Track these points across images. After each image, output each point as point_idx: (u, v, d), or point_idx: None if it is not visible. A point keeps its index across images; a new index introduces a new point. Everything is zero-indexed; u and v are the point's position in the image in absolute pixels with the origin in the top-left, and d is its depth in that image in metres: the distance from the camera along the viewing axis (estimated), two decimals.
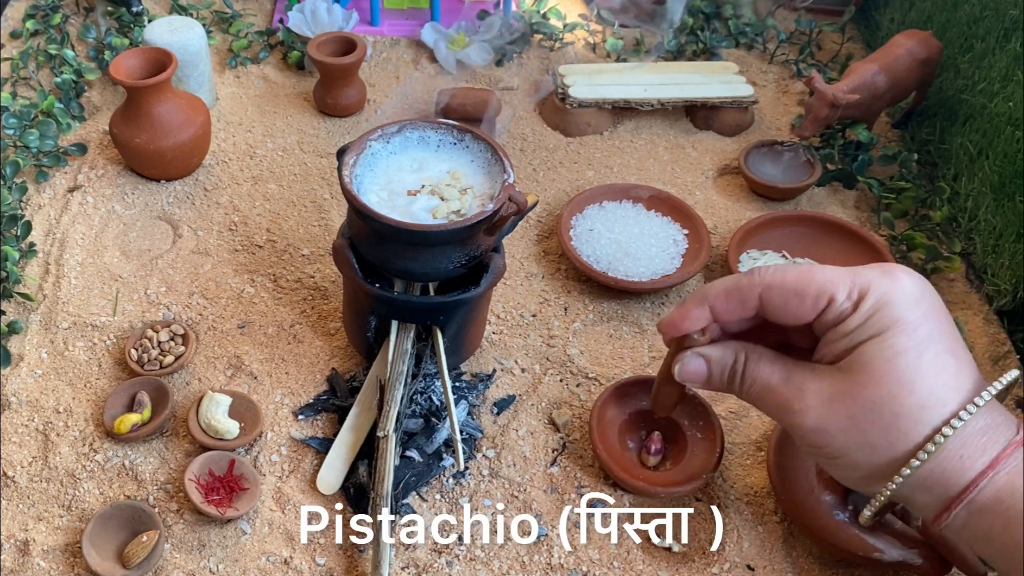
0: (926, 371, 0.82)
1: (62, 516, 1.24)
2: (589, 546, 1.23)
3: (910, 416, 0.82)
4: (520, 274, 1.61)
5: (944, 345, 0.83)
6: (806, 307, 0.87)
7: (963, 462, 0.81)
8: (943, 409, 0.81)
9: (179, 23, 1.83)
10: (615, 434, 1.33)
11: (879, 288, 0.84)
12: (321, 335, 1.48)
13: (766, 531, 1.26)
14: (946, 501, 0.82)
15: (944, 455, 0.81)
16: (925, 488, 0.83)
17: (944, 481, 0.82)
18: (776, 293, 0.88)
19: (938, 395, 0.82)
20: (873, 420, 0.83)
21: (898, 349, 0.82)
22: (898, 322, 0.83)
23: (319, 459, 1.31)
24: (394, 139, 1.30)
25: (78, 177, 1.74)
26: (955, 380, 0.82)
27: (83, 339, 1.45)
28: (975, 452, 0.81)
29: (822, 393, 0.86)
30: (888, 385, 0.82)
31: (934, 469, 0.82)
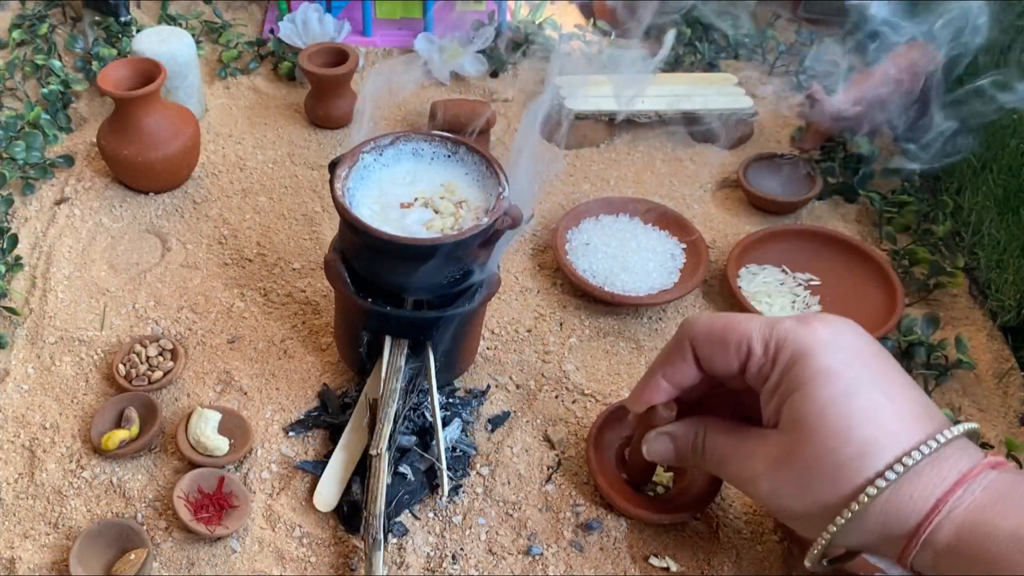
0: (858, 418, 0.83)
1: (48, 534, 1.22)
2: (585, 566, 1.22)
3: (850, 466, 0.83)
4: (515, 288, 1.59)
5: (877, 387, 0.84)
6: (730, 356, 0.91)
7: (913, 503, 0.82)
8: (883, 454, 0.82)
9: (168, 33, 1.82)
10: (613, 458, 1.31)
11: (794, 340, 0.86)
12: (312, 350, 1.46)
13: (765, 550, 1.25)
14: (903, 541, 0.83)
15: (892, 498, 0.82)
16: (878, 532, 0.85)
17: (897, 522, 0.83)
18: (703, 342, 0.95)
19: (875, 440, 0.82)
20: (817, 476, 0.84)
21: (824, 401, 0.83)
22: (818, 373, 0.84)
23: (310, 477, 1.29)
24: (387, 151, 1.29)
25: (65, 189, 1.72)
26: (892, 423, 0.83)
27: (70, 354, 1.43)
28: (925, 491, 0.81)
29: (769, 457, 0.89)
30: (823, 439, 0.83)
31: (884, 511, 0.83)
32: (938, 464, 0.82)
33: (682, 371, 0.97)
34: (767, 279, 1.59)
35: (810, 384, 0.83)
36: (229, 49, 2.10)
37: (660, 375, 0.98)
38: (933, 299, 1.60)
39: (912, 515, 0.82)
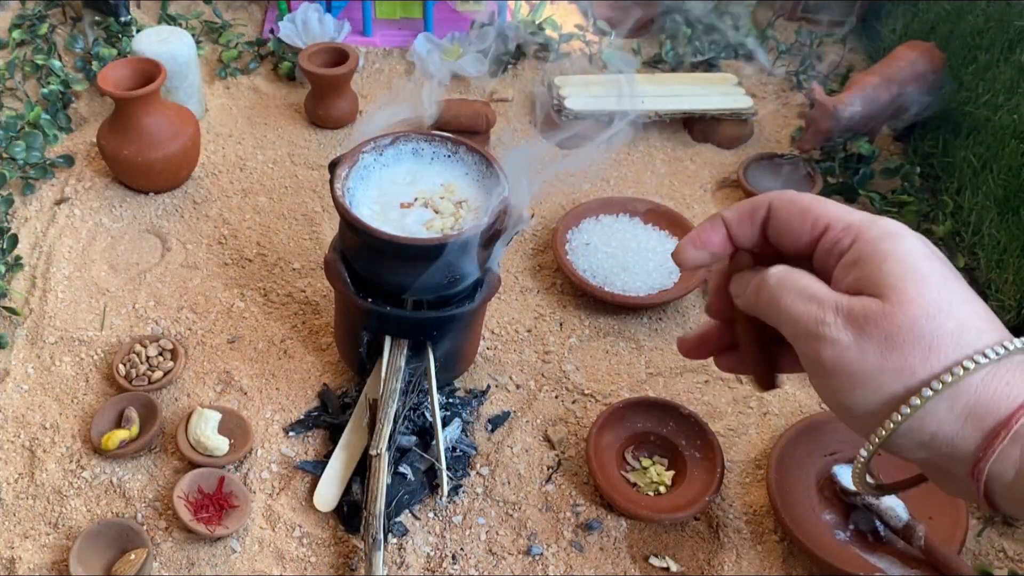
0: (959, 299, 0.76)
1: (49, 534, 1.22)
2: (585, 566, 1.22)
3: (949, 339, 0.74)
4: (515, 289, 1.59)
5: (961, 282, 0.77)
6: (805, 228, 0.82)
7: (1009, 389, 0.73)
8: (981, 337, 0.74)
9: (168, 33, 1.82)
10: (613, 459, 1.31)
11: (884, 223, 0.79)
12: (312, 350, 1.46)
13: (765, 550, 1.24)
14: (990, 432, 0.75)
15: (987, 379, 0.73)
16: (962, 419, 0.75)
17: (989, 408, 0.73)
18: (782, 206, 0.84)
19: (974, 323, 0.75)
20: (912, 342, 0.75)
21: (924, 272, 0.76)
22: (913, 250, 0.77)
23: (310, 477, 1.29)
24: (387, 151, 1.29)
25: (65, 189, 1.72)
26: (986, 313, 0.76)
27: (70, 354, 1.43)
28: (1018, 381, 0.73)
29: (855, 313, 0.80)
30: (924, 306, 0.75)
31: (977, 392, 0.73)
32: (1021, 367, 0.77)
33: (746, 227, 0.91)
34: None
35: (908, 256, 0.76)
36: (229, 49, 2.10)
37: (722, 221, 0.92)
38: None
39: (1005, 402, 0.75)
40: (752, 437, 1.38)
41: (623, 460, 1.32)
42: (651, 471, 1.30)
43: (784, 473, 1.28)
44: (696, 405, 1.42)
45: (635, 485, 1.30)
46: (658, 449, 1.33)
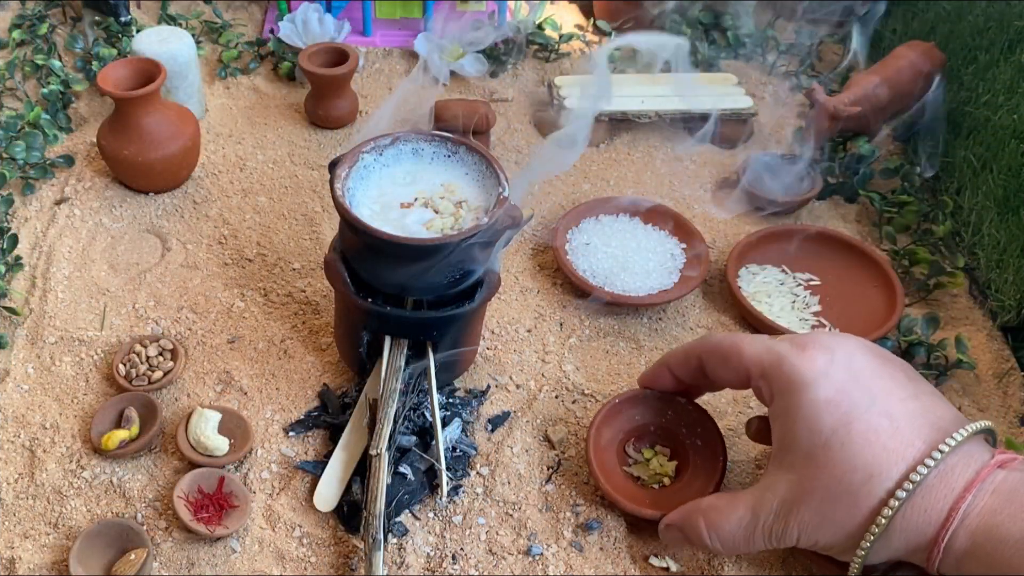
0: (860, 444, 0.84)
1: (48, 534, 1.22)
2: (585, 566, 1.21)
3: (861, 491, 0.85)
4: (515, 288, 1.59)
5: (875, 409, 0.87)
6: (730, 374, 0.97)
7: (928, 515, 0.84)
8: (889, 475, 0.84)
9: (168, 33, 1.82)
10: (614, 456, 1.31)
11: (790, 371, 0.89)
12: (312, 350, 1.46)
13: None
14: (927, 551, 0.85)
15: (907, 514, 0.84)
16: (903, 547, 0.88)
17: (917, 535, 0.84)
18: (708, 357, 1.00)
19: (878, 463, 0.84)
20: (833, 506, 0.86)
21: (827, 433, 0.85)
22: (815, 405, 0.86)
23: (310, 477, 1.29)
24: (387, 151, 1.29)
25: (65, 189, 1.72)
26: (893, 442, 0.85)
27: (70, 354, 1.43)
28: (937, 503, 0.83)
29: (786, 500, 0.90)
30: (831, 471, 0.85)
31: (903, 528, 0.86)
32: (946, 474, 0.84)
33: (684, 371, 1.01)
34: (767, 279, 1.59)
35: (811, 417, 0.85)
36: (229, 49, 2.10)
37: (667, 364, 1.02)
38: (933, 299, 1.60)
39: (929, 527, 0.83)
40: None
41: (624, 454, 1.31)
42: (653, 462, 1.30)
43: None
44: None
45: (638, 479, 1.29)
46: (659, 439, 1.33)
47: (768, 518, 0.93)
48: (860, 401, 0.85)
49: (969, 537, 0.81)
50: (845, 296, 1.56)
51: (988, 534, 0.80)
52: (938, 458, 0.83)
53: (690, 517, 1.03)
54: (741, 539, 0.97)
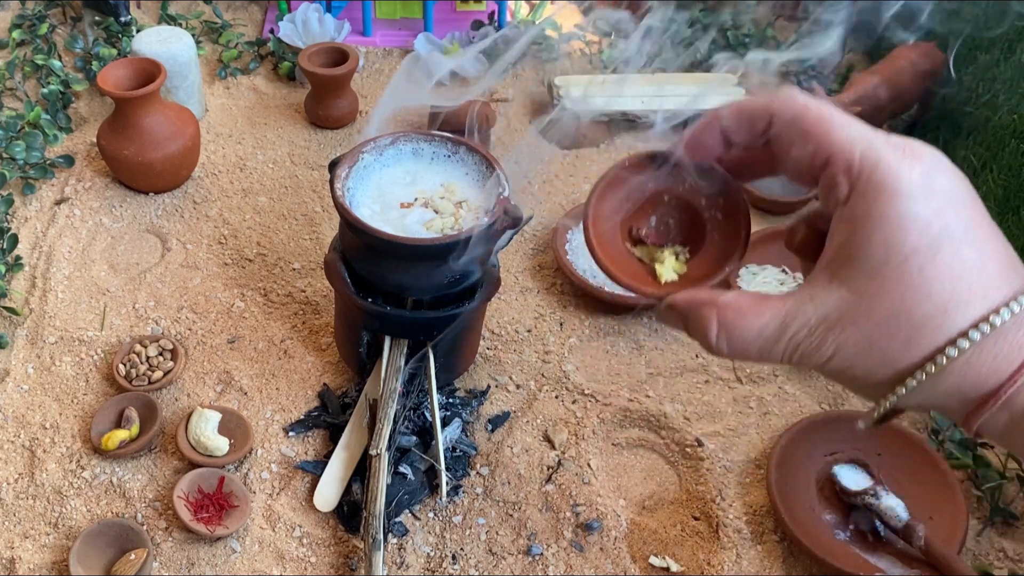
0: (942, 274, 0.73)
1: (49, 534, 1.22)
2: (585, 566, 1.22)
3: (928, 324, 0.73)
4: (515, 289, 1.59)
5: (966, 240, 0.73)
6: (805, 155, 0.78)
7: (996, 363, 0.72)
8: (966, 313, 0.72)
9: (168, 33, 1.82)
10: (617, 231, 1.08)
11: (885, 172, 0.73)
12: (312, 350, 1.46)
13: (765, 550, 1.24)
14: (978, 402, 0.74)
15: (973, 359, 0.72)
16: (952, 394, 0.74)
17: (975, 384, 0.73)
18: (783, 127, 0.79)
19: (958, 298, 0.73)
20: (889, 335, 0.75)
21: (907, 252, 0.73)
22: (905, 219, 0.73)
23: (310, 477, 1.29)
24: (387, 151, 1.29)
25: (65, 189, 1.72)
26: (978, 280, 0.73)
27: (70, 354, 1.43)
28: (1011, 352, 0.72)
29: (833, 310, 0.76)
30: (901, 293, 0.73)
31: (963, 372, 0.72)
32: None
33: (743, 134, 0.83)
34: (767, 279, 1.58)
35: (894, 231, 0.73)
36: (229, 49, 2.10)
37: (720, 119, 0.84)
38: None
39: (992, 376, 0.72)
40: (752, 437, 1.38)
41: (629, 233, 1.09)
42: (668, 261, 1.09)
43: (784, 473, 1.28)
44: (696, 405, 1.42)
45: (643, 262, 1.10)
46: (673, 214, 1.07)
47: (800, 331, 0.79)
48: (953, 227, 0.73)
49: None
50: None
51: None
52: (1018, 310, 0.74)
53: (701, 309, 0.85)
54: (755, 349, 0.81)
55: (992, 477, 1.30)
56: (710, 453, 1.35)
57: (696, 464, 1.35)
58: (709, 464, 1.34)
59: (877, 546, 1.23)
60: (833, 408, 1.43)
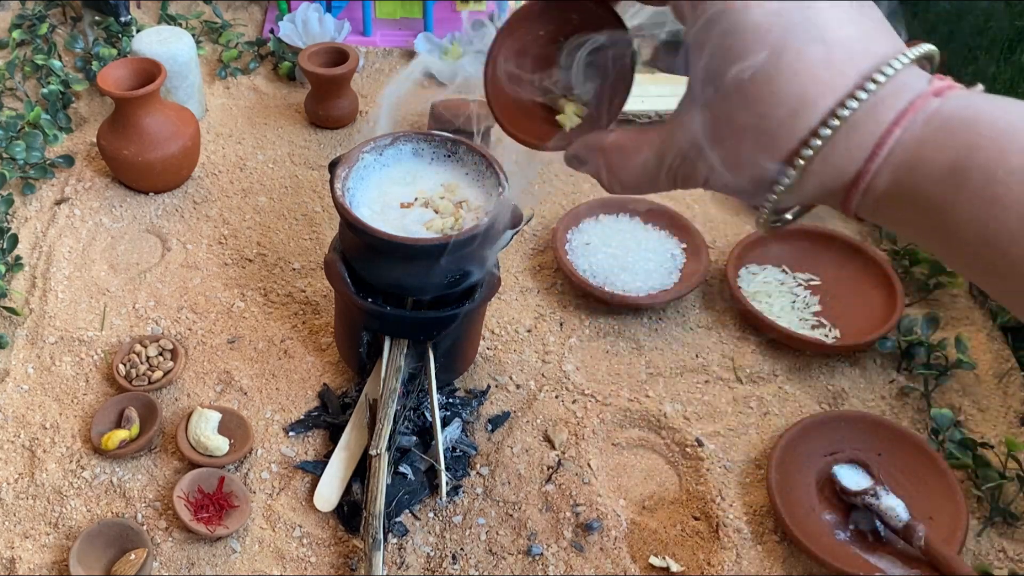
0: (787, 76, 0.71)
1: (48, 534, 1.22)
2: (585, 566, 1.21)
3: (782, 129, 0.72)
4: (515, 289, 1.59)
5: (810, 33, 0.71)
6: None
7: (850, 153, 0.72)
8: (816, 110, 0.71)
9: (168, 33, 1.82)
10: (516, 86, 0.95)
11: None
12: (312, 350, 1.46)
13: (765, 551, 1.24)
14: (844, 192, 0.73)
15: (828, 154, 0.71)
16: (820, 189, 0.74)
17: (837, 177, 0.73)
18: None
19: (805, 97, 0.71)
20: (752, 147, 0.74)
21: (752, 65, 0.72)
22: (740, 31, 0.72)
23: (310, 477, 1.29)
24: (387, 151, 1.29)
25: (65, 189, 1.72)
26: (825, 72, 0.71)
27: (70, 354, 1.43)
28: (861, 140, 0.71)
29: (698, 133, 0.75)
30: (753, 107, 0.72)
31: (822, 171, 0.72)
32: (876, 106, 0.71)
33: None
34: (767, 279, 1.58)
35: (735, 45, 0.72)
36: (229, 49, 2.10)
37: None
38: (933, 299, 1.60)
39: (851, 166, 0.70)
40: (752, 437, 1.38)
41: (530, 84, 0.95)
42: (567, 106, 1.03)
43: (784, 473, 1.28)
44: (696, 405, 1.42)
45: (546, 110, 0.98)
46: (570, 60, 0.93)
47: (676, 160, 0.78)
48: (794, 26, 0.71)
49: (892, 173, 0.71)
50: (845, 296, 1.56)
51: (912, 168, 0.70)
52: (871, 89, 0.71)
53: (591, 156, 0.87)
54: (645, 181, 0.81)
55: (992, 477, 1.30)
56: (710, 453, 1.35)
57: (696, 464, 1.35)
58: (709, 464, 1.34)
59: (877, 546, 1.23)
60: (833, 408, 1.43)
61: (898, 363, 1.49)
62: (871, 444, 1.34)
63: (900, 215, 0.73)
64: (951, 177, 0.69)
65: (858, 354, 1.50)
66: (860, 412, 1.39)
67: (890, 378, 1.48)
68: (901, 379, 1.47)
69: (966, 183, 0.68)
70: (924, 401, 1.43)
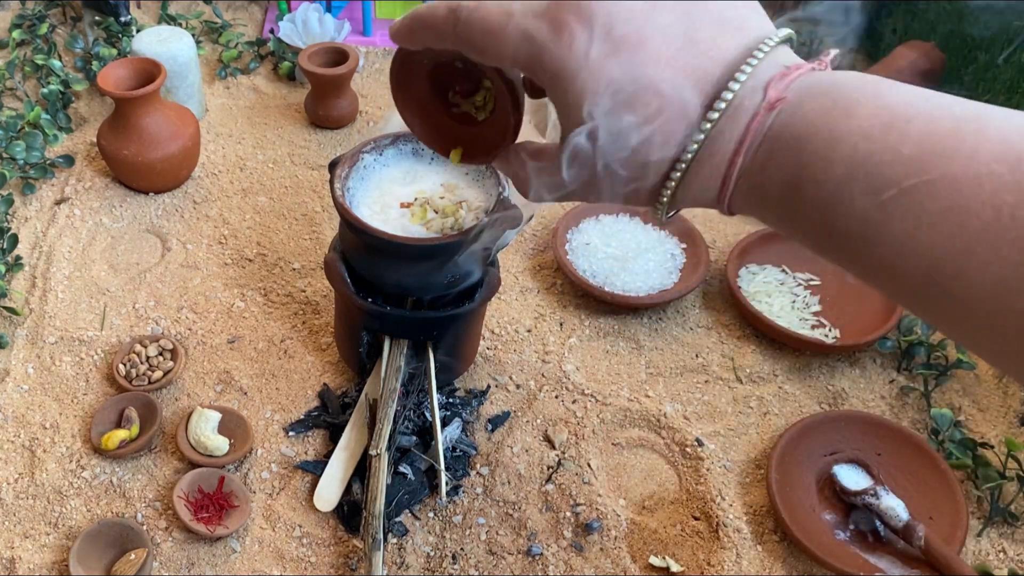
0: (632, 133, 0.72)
1: (49, 534, 1.22)
2: (585, 566, 1.21)
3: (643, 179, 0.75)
4: (515, 289, 1.59)
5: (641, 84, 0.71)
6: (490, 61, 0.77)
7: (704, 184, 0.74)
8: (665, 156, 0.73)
9: (168, 33, 1.82)
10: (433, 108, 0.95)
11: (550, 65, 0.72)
12: (312, 350, 1.46)
13: (766, 551, 1.24)
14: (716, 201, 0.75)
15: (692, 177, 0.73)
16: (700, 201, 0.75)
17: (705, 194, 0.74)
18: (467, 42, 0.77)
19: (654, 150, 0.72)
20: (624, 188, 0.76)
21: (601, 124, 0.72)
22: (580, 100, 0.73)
23: (310, 476, 1.29)
24: (387, 151, 1.29)
25: (65, 189, 1.72)
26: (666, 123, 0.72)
27: (70, 354, 1.43)
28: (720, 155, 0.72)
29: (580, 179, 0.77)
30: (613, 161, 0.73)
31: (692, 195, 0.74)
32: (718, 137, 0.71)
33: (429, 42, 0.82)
34: (767, 279, 1.58)
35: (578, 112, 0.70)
36: (229, 49, 2.10)
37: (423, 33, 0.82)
38: None
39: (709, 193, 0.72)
40: (752, 437, 1.38)
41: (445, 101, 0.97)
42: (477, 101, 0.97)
43: (784, 473, 1.28)
44: (696, 405, 1.42)
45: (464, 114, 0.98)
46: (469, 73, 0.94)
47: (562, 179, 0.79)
48: (623, 83, 0.73)
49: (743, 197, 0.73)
50: (845, 296, 1.56)
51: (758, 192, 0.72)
52: (714, 119, 0.70)
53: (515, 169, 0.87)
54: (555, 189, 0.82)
55: (992, 477, 1.30)
56: (710, 453, 1.35)
57: (696, 464, 1.35)
58: (709, 464, 1.34)
59: (877, 546, 1.23)
60: (833, 408, 1.43)
61: (898, 363, 1.49)
62: (871, 444, 1.34)
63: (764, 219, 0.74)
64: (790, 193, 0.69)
65: (858, 354, 1.50)
66: (860, 412, 1.39)
67: (890, 378, 1.48)
68: (901, 379, 1.47)
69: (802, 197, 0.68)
70: (924, 401, 1.43)
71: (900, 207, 0.63)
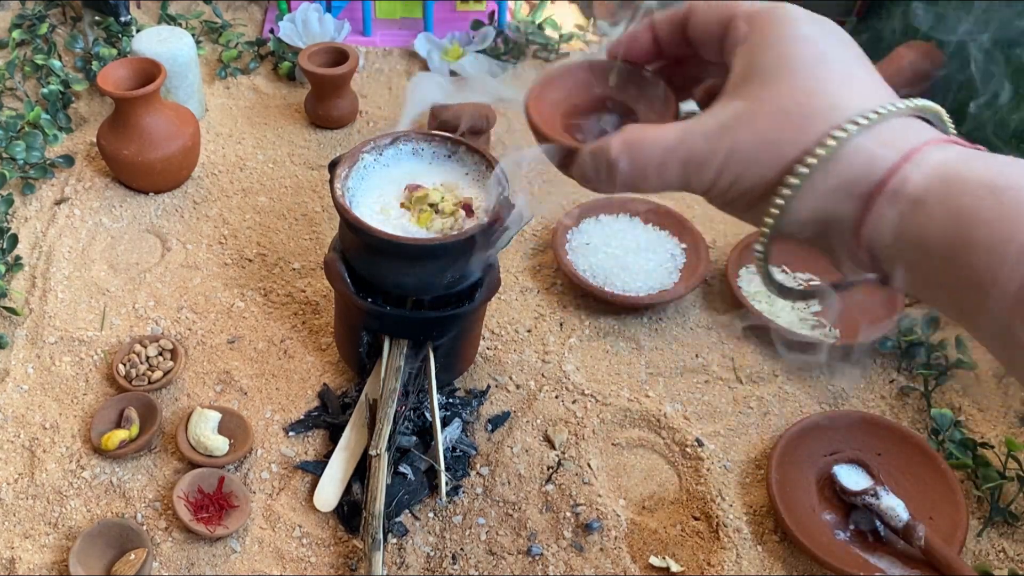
0: (829, 78, 0.74)
1: (48, 534, 1.22)
2: (585, 566, 1.21)
3: (818, 116, 0.73)
4: (515, 288, 1.59)
5: (851, 61, 0.76)
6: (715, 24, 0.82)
7: (884, 149, 0.72)
8: (850, 109, 0.73)
9: (168, 33, 1.82)
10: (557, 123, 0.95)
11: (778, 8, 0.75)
12: (312, 350, 1.46)
13: (766, 551, 1.24)
14: (866, 198, 0.72)
15: (859, 145, 0.71)
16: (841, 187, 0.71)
17: (865, 170, 0.72)
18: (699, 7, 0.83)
19: (847, 96, 0.73)
20: (781, 127, 0.74)
21: (798, 61, 0.75)
22: (795, 36, 0.76)
23: (310, 477, 1.29)
24: (387, 151, 1.29)
25: (65, 189, 1.72)
26: (864, 88, 0.75)
27: (70, 354, 1.43)
28: (894, 139, 0.72)
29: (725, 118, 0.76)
30: (792, 93, 0.74)
31: (851, 161, 0.72)
32: (910, 123, 0.71)
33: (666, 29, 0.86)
34: None
35: (787, 45, 0.73)
36: (229, 49, 2.10)
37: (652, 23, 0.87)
38: None
39: (881, 162, 0.72)
40: (752, 437, 1.38)
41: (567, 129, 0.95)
42: None
43: (784, 473, 1.28)
44: (696, 405, 1.42)
45: None
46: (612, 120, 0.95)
47: (696, 140, 0.77)
48: (836, 50, 0.74)
49: (924, 181, 0.70)
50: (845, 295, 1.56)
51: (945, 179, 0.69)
52: (910, 105, 0.73)
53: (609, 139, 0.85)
54: (654, 162, 0.78)
55: (992, 477, 1.30)
56: (710, 453, 1.35)
57: (696, 464, 1.35)
58: (709, 464, 1.34)
59: (877, 546, 1.23)
60: (833, 408, 1.43)
61: (898, 363, 1.49)
62: (871, 444, 1.34)
63: (928, 224, 0.71)
64: (985, 187, 0.68)
65: (858, 354, 1.50)
66: (860, 412, 1.39)
67: (890, 378, 1.48)
68: (901, 379, 1.47)
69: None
70: (924, 401, 1.43)
71: None
